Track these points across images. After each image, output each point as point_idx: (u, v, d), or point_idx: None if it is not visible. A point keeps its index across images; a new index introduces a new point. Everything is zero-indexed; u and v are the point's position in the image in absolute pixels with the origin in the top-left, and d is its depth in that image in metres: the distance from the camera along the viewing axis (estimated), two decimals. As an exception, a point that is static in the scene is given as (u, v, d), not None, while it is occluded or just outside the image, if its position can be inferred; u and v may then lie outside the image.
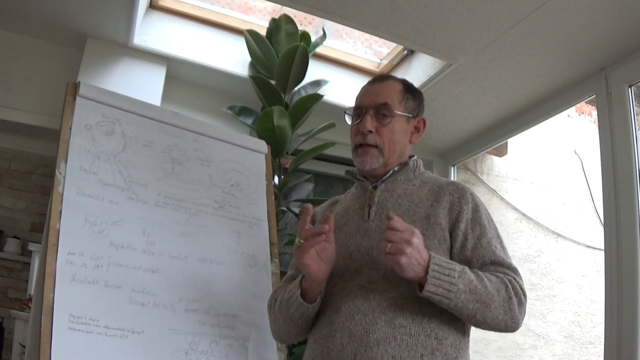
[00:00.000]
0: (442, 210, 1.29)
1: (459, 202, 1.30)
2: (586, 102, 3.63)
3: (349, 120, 1.43)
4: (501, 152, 3.75)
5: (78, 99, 1.75)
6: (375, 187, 1.38)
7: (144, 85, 2.67)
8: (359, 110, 1.39)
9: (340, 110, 3.02)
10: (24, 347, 3.06)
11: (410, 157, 1.44)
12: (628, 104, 2.21)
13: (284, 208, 2.62)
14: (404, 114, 1.37)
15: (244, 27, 2.80)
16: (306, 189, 3.46)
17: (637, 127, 2.19)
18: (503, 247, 1.30)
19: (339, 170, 3.39)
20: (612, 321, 2.07)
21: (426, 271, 1.13)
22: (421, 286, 1.15)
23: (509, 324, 1.20)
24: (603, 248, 2.22)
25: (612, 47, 2.20)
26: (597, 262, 3.77)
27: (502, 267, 1.24)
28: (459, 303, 1.15)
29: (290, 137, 2.59)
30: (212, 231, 1.85)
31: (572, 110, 4.03)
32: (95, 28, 2.56)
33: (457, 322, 1.23)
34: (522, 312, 1.22)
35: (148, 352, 1.56)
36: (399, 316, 1.18)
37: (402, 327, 1.17)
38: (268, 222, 2.00)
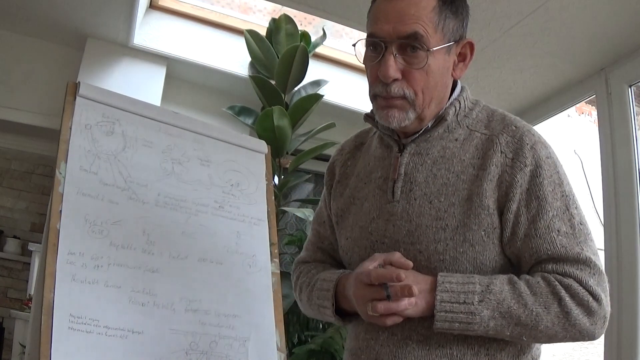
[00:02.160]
0: (488, 183, 0.92)
1: (512, 167, 0.92)
2: (586, 102, 3.63)
3: (360, 54, 0.98)
4: (501, 152, 3.75)
5: (78, 99, 1.75)
6: (402, 149, 1.02)
7: (144, 85, 2.67)
8: (376, 43, 0.94)
9: (340, 111, 3.05)
10: (24, 347, 3.06)
11: (453, 89, 1.04)
12: (628, 104, 2.21)
13: (284, 208, 2.62)
14: (442, 45, 0.94)
15: (244, 27, 2.80)
16: (306, 189, 3.46)
17: (637, 127, 2.19)
18: (573, 226, 0.91)
19: (339, 170, 3.38)
20: (612, 321, 2.07)
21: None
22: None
23: (577, 337, 0.90)
24: (603, 248, 2.22)
25: (612, 47, 2.20)
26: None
27: (564, 264, 0.89)
28: (489, 331, 0.87)
29: (290, 137, 2.59)
30: (212, 231, 1.84)
31: (572, 110, 4.02)
32: (95, 28, 2.56)
33: None
34: (598, 320, 0.89)
35: (148, 352, 1.55)
36: (436, 333, 0.91)
37: (440, 348, 0.91)
38: (268, 222, 2.00)
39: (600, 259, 0.93)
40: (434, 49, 0.92)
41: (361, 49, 0.98)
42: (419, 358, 0.91)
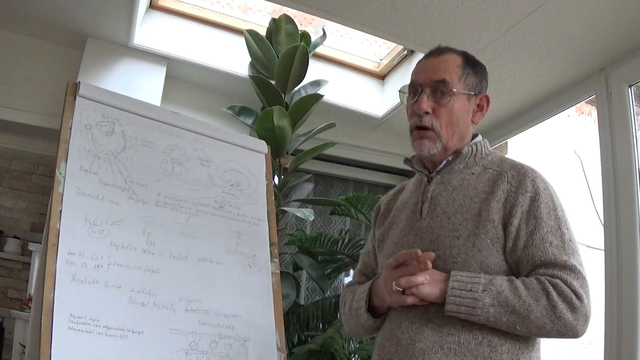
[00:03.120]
0: (495, 203, 1.17)
1: (515, 193, 1.17)
2: (586, 102, 3.63)
3: (404, 100, 1.30)
4: (501, 152, 3.75)
5: (78, 99, 1.75)
6: (430, 180, 1.29)
7: (144, 85, 2.67)
8: (415, 88, 1.26)
9: (340, 111, 3.05)
10: (24, 347, 3.07)
11: (474, 136, 1.32)
12: (628, 104, 2.21)
13: (284, 208, 2.62)
14: (464, 92, 1.24)
15: (244, 27, 2.80)
16: (306, 189, 3.46)
17: (637, 127, 2.19)
18: (564, 241, 1.14)
19: (339, 170, 3.39)
20: (612, 321, 2.07)
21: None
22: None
23: (563, 332, 1.08)
24: (603, 248, 2.22)
25: (612, 47, 2.20)
26: (597, 262, 3.77)
27: (554, 268, 1.11)
28: (489, 317, 1.08)
29: (290, 137, 2.59)
30: (212, 231, 1.85)
31: (572, 110, 4.02)
32: (95, 28, 2.56)
33: None
34: (580, 317, 1.09)
35: (148, 352, 1.56)
36: (447, 323, 1.12)
37: (450, 335, 1.11)
38: (268, 222, 2.00)
39: (586, 271, 1.14)
40: (456, 90, 1.23)
41: (403, 98, 1.30)
42: (432, 342, 1.11)
